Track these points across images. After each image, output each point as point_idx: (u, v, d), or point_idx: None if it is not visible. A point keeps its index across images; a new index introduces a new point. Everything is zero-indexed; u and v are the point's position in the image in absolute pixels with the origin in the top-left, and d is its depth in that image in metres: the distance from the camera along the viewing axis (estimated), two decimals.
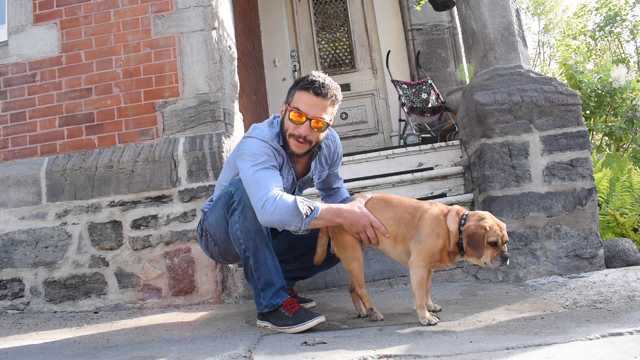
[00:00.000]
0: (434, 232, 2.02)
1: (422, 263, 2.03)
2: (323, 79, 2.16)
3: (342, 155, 2.59)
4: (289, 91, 2.25)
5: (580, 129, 3.04)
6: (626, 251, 2.99)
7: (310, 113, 2.14)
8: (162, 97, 3.24)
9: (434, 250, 2.02)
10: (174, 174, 3.09)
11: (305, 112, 2.14)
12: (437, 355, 1.52)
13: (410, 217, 2.09)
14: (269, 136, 2.21)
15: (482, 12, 3.35)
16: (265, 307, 2.15)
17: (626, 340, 1.54)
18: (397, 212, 2.12)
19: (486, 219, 1.97)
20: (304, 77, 2.19)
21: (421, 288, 2.03)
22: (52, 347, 2.14)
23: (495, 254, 1.95)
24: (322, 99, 2.14)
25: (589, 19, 16.77)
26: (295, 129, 2.16)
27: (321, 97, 2.14)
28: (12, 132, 3.32)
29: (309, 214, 2.02)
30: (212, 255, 2.50)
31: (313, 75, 2.17)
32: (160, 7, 3.30)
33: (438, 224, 2.04)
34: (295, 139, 2.18)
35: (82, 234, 3.11)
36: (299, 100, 2.16)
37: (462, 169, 3.58)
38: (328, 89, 2.15)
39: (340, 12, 6.79)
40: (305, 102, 2.14)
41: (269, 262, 2.16)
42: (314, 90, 2.12)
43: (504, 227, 1.99)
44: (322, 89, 2.13)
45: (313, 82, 2.13)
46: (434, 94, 5.55)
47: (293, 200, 2.02)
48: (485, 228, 1.94)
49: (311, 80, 2.14)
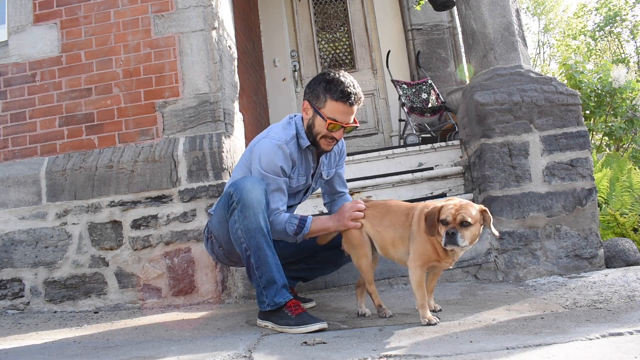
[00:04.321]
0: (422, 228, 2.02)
1: (418, 262, 2.02)
2: (354, 87, 2.26)
3: (345, 153, 2.68)
4: (315, 92, 2.29)
5: (580, 129, 3.04)
6: (626, 251, 2.99)
7: (344, 121, 2.29)
8: (162, 97, 3.24)
9: (426, 247, 2.00)
10: (174, 174, 3.09)
11: (341, 121, 2.27)
12: (437, 355, 1.52)
13: (404, 218, 2.11)
14: (284, 139, 2.31)
15: (482, 12, 3.35)
16: (268, 305, 2.16)
17: (626, 340, 1.54)
18: (393, 216, 2.16)
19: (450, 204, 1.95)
20: (333, 82, 2.25)
21: (420, 288, 2.01)
22: (52, 347, 2.14)
23: (444, 231, 1.92)
24: (354, 107, 2.29)
25: (589, 19, 16.77)
26: (330, 133, 2.30)
27: (354, 105, 2.28)
28: (12, 132, 3.32)
29: (299, 232, 2.27)
30: (217, 258, 2.51)
31: (344, 83, 2.24)
32: (160, 7, 3.30)
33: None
34: (327, 140, 2.33)
35: (82, 234, 3.11)
36: (335, 110, 2.26)
37: (462, 169, 3.58)
38: (360, 98, 2.29)
39: (340, 12, 6.79)
40: (341, 112, 2.26)
41: (270, 260, 2.16)
42: (350, 103, 2.25)
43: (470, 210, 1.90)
44: (356, 99, 2.26)
45: (349, 95, 2.23)
46: (434, 94, 5.55)
47: (283, 223, 2.27)
48: (439, 208, 1.94)
49: (347, 93, 2.23)
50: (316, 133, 2.31)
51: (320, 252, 2.58)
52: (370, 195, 3.65)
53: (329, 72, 2.29)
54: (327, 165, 2.54)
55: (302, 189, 2.48)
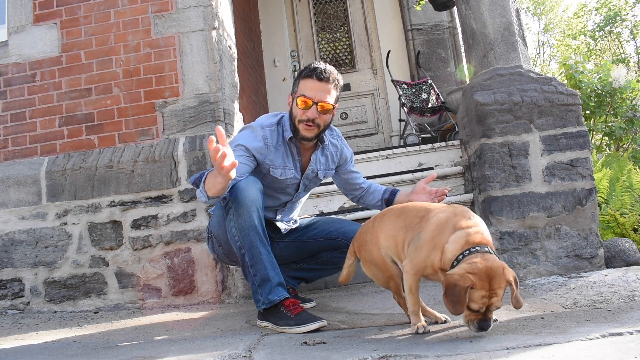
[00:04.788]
0: (432, 241, 1.74)
1: (412, 270, 1.79)
2: (324, 66, 2.32)
3: (352, 155, 2.64)
4: (294, 82, 2.39)
5: (580, 129, 3.04)
6: (626, 251, 2.99)
7: (315, 97, 2.27)
8: (162, 97, 3.24)
9: (425, 263, 1.76)
10: (174, 174, 3.09)
11: (311, 97, 2.28)
12: (437, 356, 1.52)
13: (418, 221, 1.85)
14: (260, 124, 2.37)
15: (482, 12, 3.35)
16: (263, 303, 2.15)
17: (626, 340, 1.53)
18: (407, 217, 1.90)
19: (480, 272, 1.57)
20: (306, 67, 2.35)
21: (412, 294, 1.83)
22: (52, 347, 2.14)
23: (473, 317, 1.64)
24: (325, 83, 2.29)
25: (589, 19, 16.78)
26: (304, 114, 2.29)
27: (324, 81, 2.28)
28: (12, 132, 3.32)
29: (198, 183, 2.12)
30: (218, 257, 2.52)
31: (314, 63, 2.34)
32: (160, 7, 3.30)
33: (440, 232, 1.74)
34: (304, 123, 2.30)
35: (82, 234, 3.11)
36: (304, 87, 2.30)
37: (462, 169, 3.58)
38: (330, 74, 2.30)
39: (340, 12, 6.79)
40: (310, 88, 2.28)
41: (264, 258, 2.15)
42: (317, 76, 2.27)
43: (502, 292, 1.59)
44: (324, 74, 2.28)
45: (315, 69, 2.29)
46: (434, 94, 5.55)
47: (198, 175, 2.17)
48: (466, 287, 1.57)
49: (313, 68, 2.30)
50: (294, 118, 2.33)
51: (321, 253, 2.57)
52: None
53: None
54: (324, 165, 2.50)
55: (290, 183, 2.43)
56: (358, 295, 2.77)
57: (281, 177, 2.37)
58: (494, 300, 1.61)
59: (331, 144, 2.51)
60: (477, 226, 1.72)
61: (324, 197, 3.54)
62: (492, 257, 1.63)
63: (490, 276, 1.59)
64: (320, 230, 2.56)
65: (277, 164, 2.35)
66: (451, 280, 1.60)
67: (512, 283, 1.63)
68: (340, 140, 2.58)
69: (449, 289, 1.60)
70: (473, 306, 1.61)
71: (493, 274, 1.59)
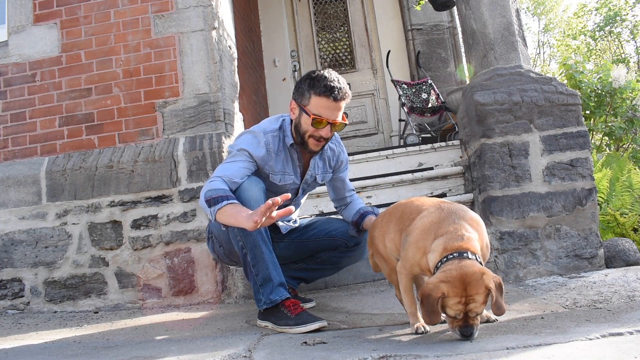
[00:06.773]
0: (417, 245, 1.76)
1: (404, 270, 1.85)
2: (338, 82, 2.20)
3: (347, 161, 2.62)
4: (300, 89, 2.26)
5: (580, 129, 3.04)
6: (626, 251, 2.99)
7: (331, 117, 2.21)
8: (162, 97, 3.24)
9: (412, 263, 1.80)
10: (174, 174, 3.09)
11: (326, 117, 2.21)
12: (437, 356, 1.52)
13: (409, 223, 1.86)
14: (262, 129, 2.32)
15: (482, 12, 3.35)
16: (265, 303, 2.15)
17: (626, 340, 1.54)
18: (402, 220, 1.93)
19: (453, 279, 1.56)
20: (317, 79, 2.20)
21: (407, 295, 1.88)
22: (52, 347, 2.14)
23: (455, 324, 1.64)
24: (340, 102, 2.22)
25: (589, 19, 16.76)
26: (316, 132, 2.24)
27: (339, 101, 2.21)
28: (12, 132, 3.32)
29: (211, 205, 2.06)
30: (218, 257, 2.51)
31: (327, 78, 2.19)
32: (160, 7, 3.30)
33: (424, 237, 1.75)
34: (315, 139, 2.26)
35: (82, 234, 3.11)
36: (319, 105, 2.20)
37: (462, 169, 3.58)
38: (345, 93, 2.22)
39: (340, 12, 6.79)
40: (325, 107, 2.20)
41: (266, 258, 2.15)
42: (334, 97, 2.18)
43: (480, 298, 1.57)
44: (340, 94, 2.19)
45: (332, 90, 2.17)
46: (434, 94, 5.55)
47: (209, 187, 2.11)
48: (439, 296, 1.56)
49: (330, 87, 2.17)
50: (303, 132, 2.26)
51: (320, 253, 2.58)
52: (370, 196, 3.66)
53: (315, 70, 2.27)
54: (322, 169, 2.48)
55: (290, 188, 2.41)
56: (358, 295, 2.77)
57: (280, 182, 2.36)
58: (472, 307, 1.59)
59: (329, 149, 2.48)
60: (460, 230, 1.69)
61: (324, 197, 3.54)
62: (469, 263, 1.61)
63: (465, 282, 1.57)
64: (319, 230, 2.57)
65: (276, 170, 2.33)
66: (425, 291, 1.61)
67: (493, 289, 1.60)
68: (338, 145, 2.54)
69: (423, 299, 1.61)
70: (450, 313, 1.61)
71: (468, 280, 1.57)
